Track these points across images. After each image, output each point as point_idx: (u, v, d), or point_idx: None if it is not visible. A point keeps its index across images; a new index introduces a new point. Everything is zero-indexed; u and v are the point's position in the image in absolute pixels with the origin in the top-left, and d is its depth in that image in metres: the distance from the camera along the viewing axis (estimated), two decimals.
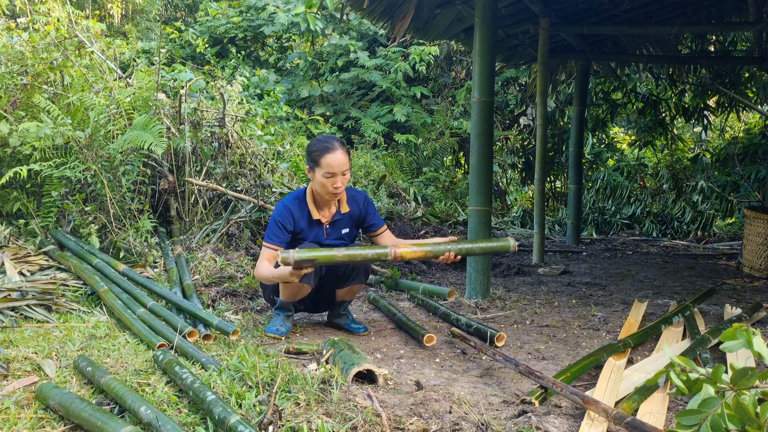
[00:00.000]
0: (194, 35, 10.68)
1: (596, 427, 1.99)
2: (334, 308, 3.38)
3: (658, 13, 6.23)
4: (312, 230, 3.15)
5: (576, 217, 7.15)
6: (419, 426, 2.01)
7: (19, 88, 4.66)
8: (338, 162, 2.96)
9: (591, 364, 2.59)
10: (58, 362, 2.61)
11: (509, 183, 10.67)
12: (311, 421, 1.96)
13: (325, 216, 3.17)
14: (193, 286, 3.74)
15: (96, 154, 4.44)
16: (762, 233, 5.21)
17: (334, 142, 3.01)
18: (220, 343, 2.92)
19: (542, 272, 5.26)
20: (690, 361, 1.70)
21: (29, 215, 4.44)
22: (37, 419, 2.06)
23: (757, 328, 3.39)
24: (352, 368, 2.38)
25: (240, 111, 6.01)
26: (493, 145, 7.06)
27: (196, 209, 5.16)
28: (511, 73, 9.68)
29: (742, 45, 8.09)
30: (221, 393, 2.18)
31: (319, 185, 3.03)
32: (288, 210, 3.10)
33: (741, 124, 11.16)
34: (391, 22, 5.26)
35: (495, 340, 3.04)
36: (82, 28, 5.45)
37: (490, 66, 4.15)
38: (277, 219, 3.09)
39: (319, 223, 3.16)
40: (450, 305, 3.87)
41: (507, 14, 5.51)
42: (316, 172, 3.00)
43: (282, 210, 3.11)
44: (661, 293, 4.43)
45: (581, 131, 7.13)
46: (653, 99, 9.21)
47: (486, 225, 4.15)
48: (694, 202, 8.60)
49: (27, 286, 3.45)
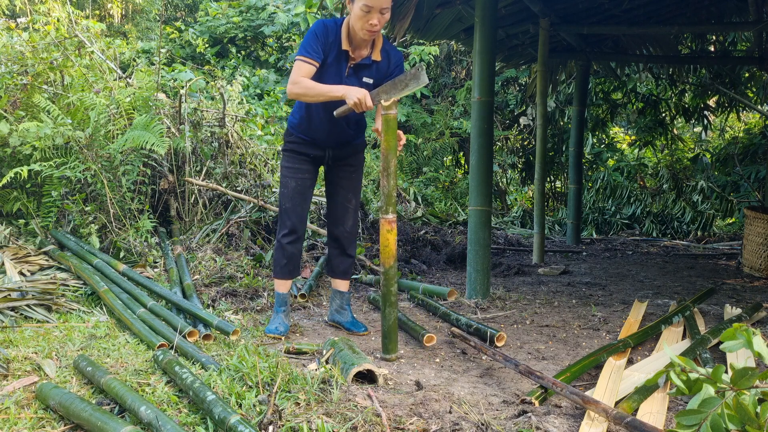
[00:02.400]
0: (194, 35, 10.68)
1: (596, 427, 1.99)
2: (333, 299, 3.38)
3: (658, 13, 6.23)
4: (335, 64, 2.96)
5: (576, 217, 7.15)
6: (419, 426, 2.01)
7: (19, 88, 4.66)
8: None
9: (591, 364, 2.59)
10: (58, 362, 2.61)
11: (509, 183, 10.67)
12: (311, 421, 1.96)
13: (352, 53, 2.96)
14: (193, 286, 3.74)
15: (96, 154, 4.44)
16: (762, 233, 5.21)
17: None
18: (220, 343, 2.92)
19: (542, 272, 5.26)
20: (690, 361, 1.70)
21: (29, 215, 4.44)
22: (37, 419, 2.06)
23: (757, 328, 3.39)
24: (352, 368, 2.38)
25: (240, 111, 6.01)
26: (493, 145, 7.06)
27: (196, 209, 5.16)
28: (511, 73, 9.68)
29: (742, 45, 8.09)
30: (221, 393, 2.18)
31: (355, 18, 2.80)
32: (326, 27, 2.89)
33: (741, 124, 11.15)
34: (391, 22, 5.25)
35: (495, 340, 3.04)
36: (82, 28, 5.45)
37: (490, 66, 4.15)
38: (316, 31, 2.88)
39: (345, 57, 2.96)
40: (450, 305, 3.87)
41: (507, 14, 5.51)
42: (355, 2, 2.79)
43: (321, 25, 2.90)
44: (661, 293, 4.43)
45: (581, 131, 7.13)
46: (653, 99, 9.21)
47: (486, 225, 4.15)
48: (694, 202, 8.60)
49: (27, 286, 3.45)
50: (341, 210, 3.26)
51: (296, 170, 3.16)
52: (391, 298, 2.80)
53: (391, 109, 2.73)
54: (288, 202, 3.17)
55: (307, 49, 2.88)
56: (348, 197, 3.25)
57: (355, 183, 3.29)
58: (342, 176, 3.24)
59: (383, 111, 2.74)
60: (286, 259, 3.21)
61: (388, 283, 2.80)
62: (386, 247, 2.79)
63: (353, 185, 3.27)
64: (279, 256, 3.22)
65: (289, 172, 3.17)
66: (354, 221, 3.30)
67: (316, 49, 2.88)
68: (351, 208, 3.27)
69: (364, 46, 2.97)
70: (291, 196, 3.16)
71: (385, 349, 2.84)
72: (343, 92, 2.80)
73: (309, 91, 2.86)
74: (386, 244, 2.79)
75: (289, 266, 3.23)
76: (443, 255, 5.47)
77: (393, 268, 2.80)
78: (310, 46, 2.88)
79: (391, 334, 2.83)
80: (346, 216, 3.26)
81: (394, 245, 2.79)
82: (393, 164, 2.75)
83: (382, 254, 2.80)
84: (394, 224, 2.79)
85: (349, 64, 2.98)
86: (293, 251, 3.21)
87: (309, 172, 3.19)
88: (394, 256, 2.79)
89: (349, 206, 3.26)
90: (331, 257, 3.36)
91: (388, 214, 2.77)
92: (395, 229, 2.79)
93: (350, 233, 3.29)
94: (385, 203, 2.77)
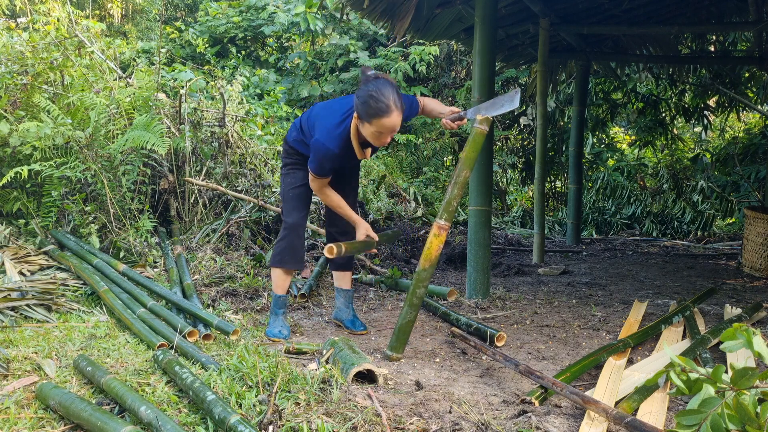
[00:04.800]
0: (194, 35, 10.68)
1: (596, 427, 1.99)
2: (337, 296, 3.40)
3: (658, 13, 6.23)
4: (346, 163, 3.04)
5: (576, 217, 7.15)
6: (419, 426, 2.01)
7: (19, 88, 4.66)
8: (392, 124, 2.73)
9: (591, 364, 2.59)
10: (58, 362, 2.61)
11: (509, 183, 10.67)
12: (311, 421, 1.96)
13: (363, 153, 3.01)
14: (193, 286, 3.74)
15: (96, 154, 4.44)
16: (762, 233, 5.21)
17: (391, 104, 2.70)
18: (220, 343, 2.92)
19: (542, 272, 5.26)
20: (690, 361, 1.70)
21: (29, 215, 4.44)
22: (37, 419, 2.06)
23: (757, 328, 3.39)
24: (352, 368, 2.38)
25: (240, 111, 6.01)
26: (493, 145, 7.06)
27: (196, 209, 5.16)
28: (511, 73, 9.67)
29: (742, 45, 8.09)
30: (221, 393, 2.18)
31: (368, 134, 2.83)
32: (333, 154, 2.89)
33: (741, 124, 11.15)
34: (391, 22, 5.26)
35: (495, 340, 3.04)
36: (82, 28, 5.45)
37: (490, 66, 4.15)
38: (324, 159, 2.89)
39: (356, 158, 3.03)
40: (450, 305, 3.87)
41: (507, 14, 5.51)
42: (366, 126, 2.79)
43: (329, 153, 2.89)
44: (661, 293, 4.43)
45: (581, 131, 7.13)
46: (653, 99, 9.21)
47: (486, 225, 4.15)
48: (694, 202, 8.60)
49: (27, 285, 3.45)
50: None
51: (296, 186, 3.17)
52: (414, 299, 2.81)
53: (483, 125, 2.82)
54: (289, 203, 3.19)
55: (321, 170, 2.93)
56: (348, 201, 3.22)
57: (354, 184, 3.32)
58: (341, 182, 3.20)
59: (476, 124, 2.83)
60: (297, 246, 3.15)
61: (418, 284, 2.81)
62: (428, 250, 2.80)
63: (353, 186, 3.30)
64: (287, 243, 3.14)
65: (288, 186, 3.18)
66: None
67: (326, 169, 2.93)
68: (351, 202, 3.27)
69: None
70: (291, 200, 3.19)
71: (391, 346, 2.84)
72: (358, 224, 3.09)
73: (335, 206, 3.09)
74: (429, 248, 2.80)
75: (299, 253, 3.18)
76: (443, 255, 5.48)
77: (427, 272, 2.81)
78: (322, 167, 2.92)
79: (402, 334, 2.83)
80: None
81: (436, 251, 2.80)
82: (464, 175, 2.81)
83: (422, 255, 2.82)
84: (445, 231, 2.81)
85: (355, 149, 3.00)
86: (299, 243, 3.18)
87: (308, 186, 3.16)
88: (431, 261, 2.80)
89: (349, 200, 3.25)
90: None
91: (442, 220, 2.81)
92: (443, 236, 2.81)
93: (349, 233, 3.29)
94: (443, 209, 2.82)
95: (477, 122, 2.83)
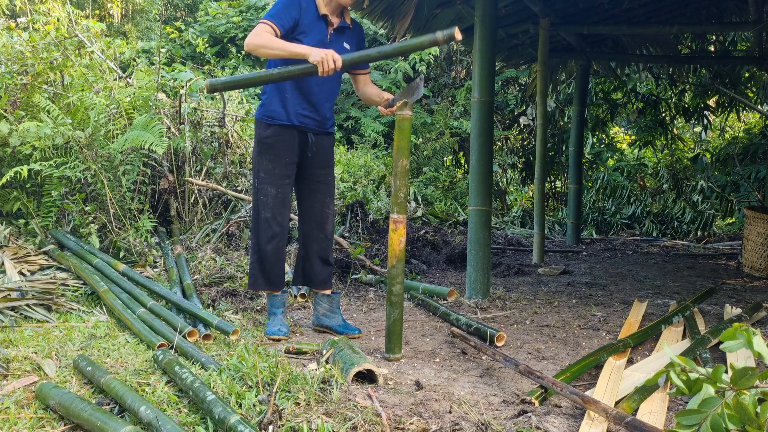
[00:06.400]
0: (194, 35, 10.68)
1: (596, 426, 1.99)
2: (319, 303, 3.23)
3: (658, 13, 6.23)
4: (315, 28, 2.89)
5: (576, 217, 7.15)
6: (419, 426, 2.01)
7: (19, 88, 4.66)
8: None
9: (591, 364, 2.59)
10: (58, 362, 2.61)
11: (509, 183, 10.66)
12: (311, 421, 1.96)
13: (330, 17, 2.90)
14: (193, 286, 3.74)
15: (96, 154, 4.44)
16: (762, 233, 5.21)
17: None
18: (220, 343, 2.92)
19: (542, 272, 5.26)
20: (690, 361, 1.70)
21: (29, 215, 4.44)
22: (37, 419, 2.06)
23: (757, 328, 3.39)
24: (352, 368, 2.38)
25: (240, 111, 6.01)
26: (493, 145, 7.06)
27: (196, 209, 5.16)
28: (511, 73, 9.67)
29: (742, 45, 8.08)
30: (221, 393, 2.18)
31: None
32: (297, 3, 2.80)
33: (741, 124, 11.15)
34: (391, 22, 5.26)
35: (495, 340, 3.04)
36: (82, 28, 5.45)
37: (490, 66, 4.15)
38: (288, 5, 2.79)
39: (324, 21, 2.91)
40: (450, 305, 3.87)
41: (507, 14, 5.51)
42: None
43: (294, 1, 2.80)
44: (661, 293, 4.43)
45: (581, 131, 7.13)
46: (653, 99, 9.21)
47: (486, 225, 4.15)
48: (694, 202, 8.60)
49: (27, 285, 3.45)
50: (320, 214, 3.14)
51: (277, 176, 2.98)
52: (392, 297, 2.80)
53: (403, 110, 2.77)
54: (268, 212, 2.99)
55: (272, 15, 2.77)
56: (326, 201, 3.15)
57: (330, 186, 3.17)
58: (319, 180, 3.14)
59: (398, 111, 2.78)
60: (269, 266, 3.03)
61: (391, 281, 2.80)
62: (390, 247, 2.79)
63: (329, 188, 3.17)
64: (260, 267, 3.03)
65: (269, 177, 2.98)
66: (332, 225, 3.20)
67: (281, 17, 2.78)
68: (330, 213, 3.16)
69: (338, 13, 2.96)
70: (272, 206, 2.99)
71: (387, 349, 2.84)
72: (306, 51, 2.68)
73: (270, 43, 2.71)
74: (390, 244, 2.79)
75: (275, 273, 3.07)
76: (443, 255, 5.47)
77: (396, 268, 2.79)
78: (277, 14, 2.78)
79: (393, 335, 2.83)
80: (326, 220, 3.15)
81: (398, 245, 2.78)
82: (401, 165, 2.77)
83: (388, 253, 2.81)
84: (400, 224, 2.78)
85: (329, 28, 2.94)
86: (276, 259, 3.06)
87: (289, 177, 3.04)
88: (397, 256, 2.78)
89: (328, 211, 3.15)
90: (308, 267, 3.19)
91: (394, 213, 2.78)
92: (401, 229, 2.78)
93: (330, 238, 3.19)
94: (392, 203, 2.79)
95: (398, 109, 2.78)
